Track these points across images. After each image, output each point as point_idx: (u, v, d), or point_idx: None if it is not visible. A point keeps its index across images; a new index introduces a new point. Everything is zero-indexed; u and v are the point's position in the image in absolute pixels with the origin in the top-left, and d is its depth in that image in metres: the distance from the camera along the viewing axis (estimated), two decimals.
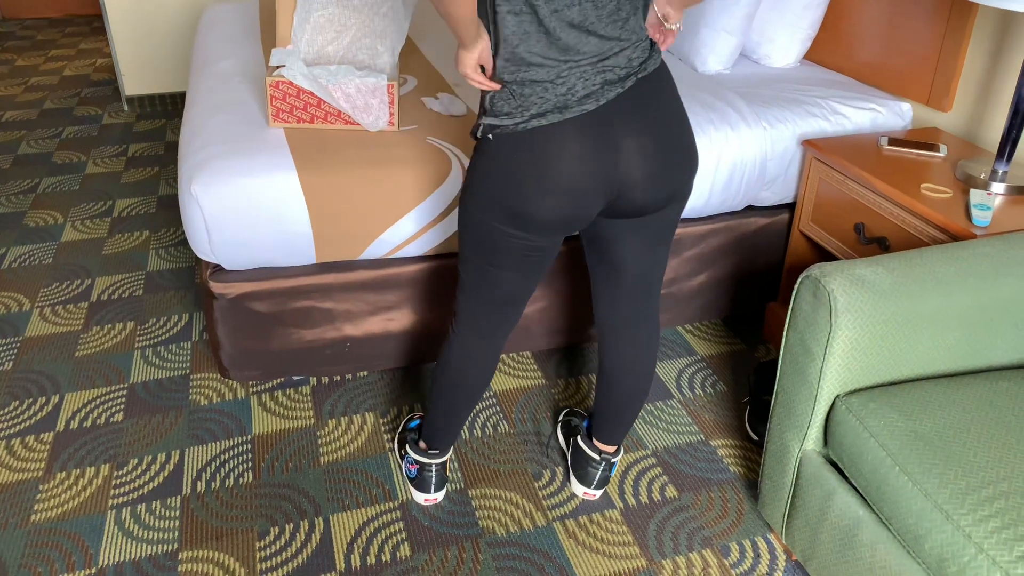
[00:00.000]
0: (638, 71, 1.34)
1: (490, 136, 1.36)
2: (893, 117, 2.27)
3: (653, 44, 1.38)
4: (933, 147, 2.02)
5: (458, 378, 1.64)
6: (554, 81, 1.30)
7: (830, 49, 2.53)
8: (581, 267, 2.15)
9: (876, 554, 1.34)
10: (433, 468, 1.77)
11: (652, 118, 1.34)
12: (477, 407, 2.10)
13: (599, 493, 1.81)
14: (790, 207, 2.31)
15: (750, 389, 2.12)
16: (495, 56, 1.33)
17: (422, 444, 1.78)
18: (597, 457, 1.78)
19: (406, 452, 1.82)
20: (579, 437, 1.84)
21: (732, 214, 2.26)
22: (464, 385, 1.65)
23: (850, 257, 2.01)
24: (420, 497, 1.79)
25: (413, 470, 1.79)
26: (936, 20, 2.12)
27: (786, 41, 2.48)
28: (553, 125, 1.31)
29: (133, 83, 4.17)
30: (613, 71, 1.32)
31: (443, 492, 1.81)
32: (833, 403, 1.44)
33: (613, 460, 1.79)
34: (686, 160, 1.41)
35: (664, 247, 1.55)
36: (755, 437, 2.00)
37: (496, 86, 1.34)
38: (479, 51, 1.33)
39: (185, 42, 4.15)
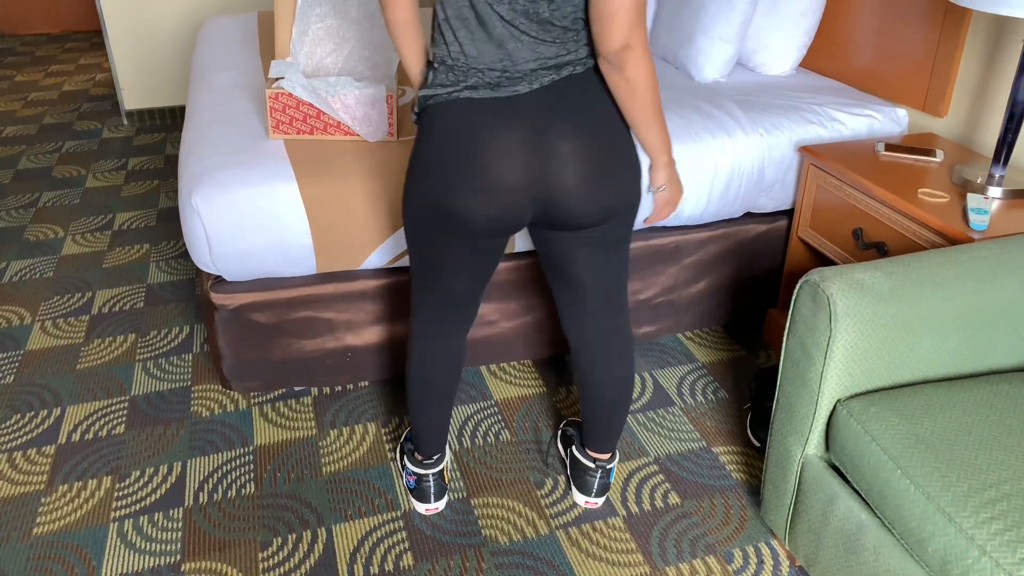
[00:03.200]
0: (573, 65, 1.35)
1: (427, 108, 1.38)
2: (889, 123, 2.28)
3: (587, 53, 1.36)
4: (929, 152, 2.03)
5: (424, 380, 1.66)
6: (491, 66, 1.33)
7: (826, 56, 2.55)
8: None
9: (880, 558, 1.34)
10: (431, 478, 1.77)
11: (588, 125, 1.35)
12: (478, 416, 2.10)
13: (600, 501, 1.81)
14: (788, 213, 2.32)
15: (751, 395, 2.13)
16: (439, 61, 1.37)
17: (417, 455, 1.78)
18: (592, 466, 1.79)
19: (405, 464, 1.82)
20: (574, 447, 1.84)
21: (730, 221, 2.27)
22: (430, 386, 1.66)
23: (849, 262, 2.02)
24: (421, 507, 1.79)
25: (412, 481, 1.79)
26: (930, 26, 2.14)
27: (782, 48, 2.50)
28: (485, 101, 1.32)
29: (132, 97, 4.19)
30: (548, 60, 1.33)
31: (444, 501, 1.81)
32: (834, 408, 1.44)
33: (609, 467, 1.79)
34: (623, 173, 1.40)
35: (619, 258, 1.54)
36: (757, 443, 2.00)
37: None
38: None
39: (184, 56, 4.17)
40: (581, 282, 1.56)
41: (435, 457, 1.78)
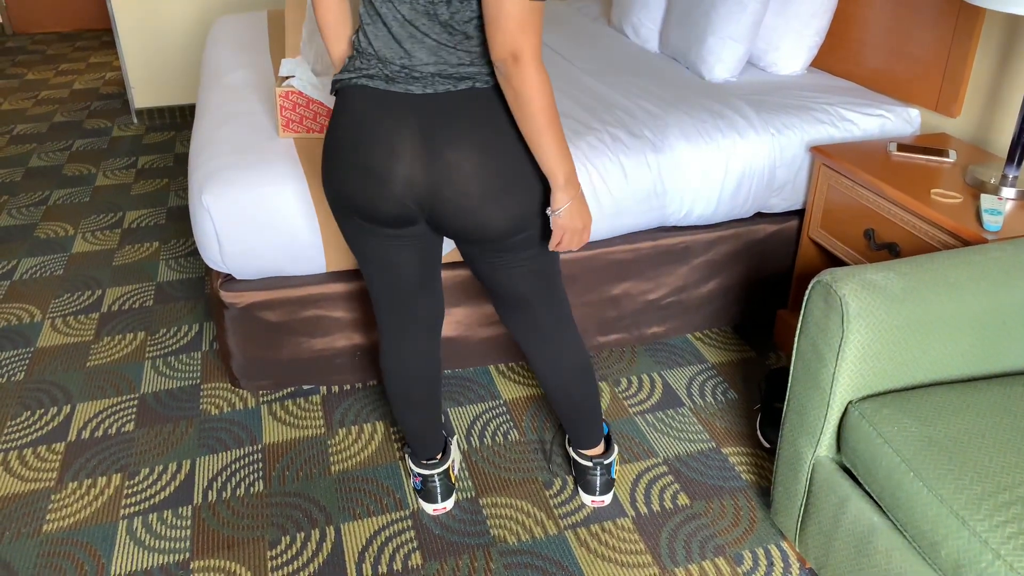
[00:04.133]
0: (474, 79, 1.32)
1: (335, 92, 1.40)
2: (901, 123, 2.26)
3: (490, 69, 1.33)
4: (942, 152, 2.01)
5: (401, 393, 1.67)
6: (392, 60, 1.32)
7: (837, 56, 2.54)
8: (587, 277, 2.15)
9: (892, 561, 1.33)
10: (436, 478, 1.77)
11: (477, 141, 1.32)
12: (487, 415, 2.09)
13: (607, 499, 1.81)
14: (799, 214, 2.30)
15: (761, 396, 2.12)
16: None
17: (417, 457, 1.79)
18: (590, 464, 1.78)
19: (410, 465, 1.82)
20: (571, 448, 1.84)
21: (741, 221, 2.26)
22: (409, 398, 1.67)
23: (860, 263, 2.00)
24: (429, 508, 1.79)
25: (418, 482, 1.79)
26: (943, 25, 2.12)
27: (793, 48, 2.49)
28: (378, 92, 1.33)
29: (142, 96, 4.20)
30: (448, 68, 1.31)
31: (451, 500, 1.81)
32: (846, 409, 1.43)
33: (606, 462, 1.79)
34: (508, 196, 1.36)
35: (528, 270, 1.50)
36: (767, 444, 1.99)
37: None
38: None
39: (194, 55, 4.18)
40: (495, 289, 1.56)
41: (437, 457, 1.78)
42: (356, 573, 1.66)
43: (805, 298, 1.46)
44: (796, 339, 1.50)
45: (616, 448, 1.87)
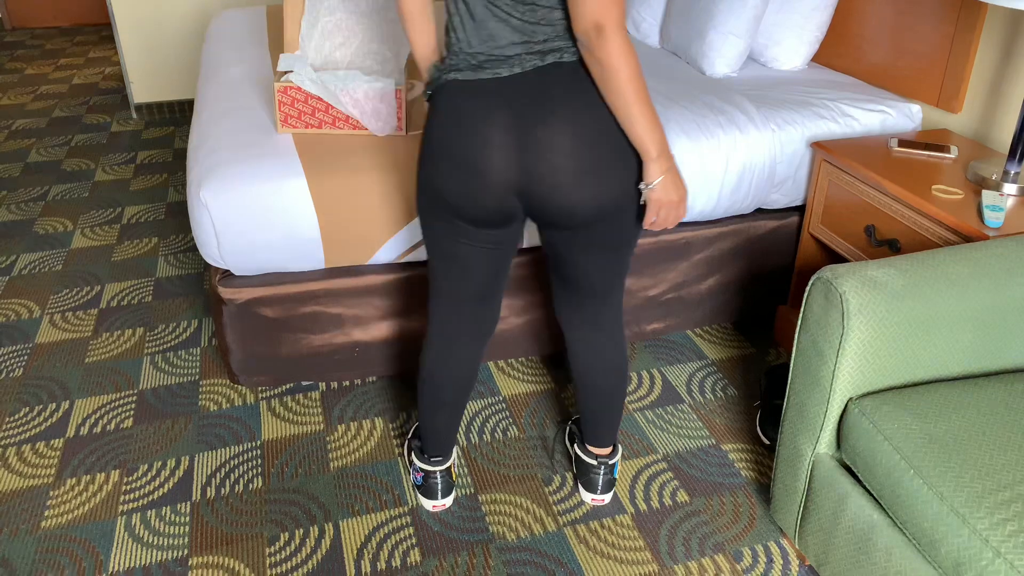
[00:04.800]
0: (561, 51, 1.30)
1: (431, 93, 1.39)
2: (902, 119, 2.25)
3: (575, 45, 1.31)
4: (943, 148, 2.00)
5: (434, 385, 1.65)
6: (479, 49, 1.32)
7: (838, 51, 2.53)
8: None
9: (891, 559, 1.32)
10: (438, 475, 1.76)
11: (570, 116, 1.29)
12: (487, 412, 2.09)
13: (607, 497, 1.80)
14: (800, 210, 2.30)
15: (761, 393, 2.11)
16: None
17: (425, 453, 1.78)
18: (595, 463, 1.78)
19: (412, 460, 1.81)
20: (576, 445, 1.84)
21: (741, 217, 2.25)
22: (440, 392, 1.66)
23: (861, 259, 1.99)
24: (428, 504, 1.79)
25: (419, 478, 1.79)
26: (945, 21, 2.11)
27: (794, 43, 2.48)
28: (468, 83, 1.32)
29: (141, 91, 4.19)
30: (533, 44, 1.30)
31: (451, 498, 1.80)
32: (846, 406, 1.42)
33: (611, 462, 1.78)
34: (607, 171, 1.33)
35: (618, 262, 1.51)
36: (767, 441, 1.99)
37: None
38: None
39: (193, 50, 4.16)
40: (575, 280, 1.55)
41: (443, 455, 1.78)
42: (355, 570, 1.66)
43: (805, 294, 1.46)
44: (796, 336, 1.50)
45: (620, 449, 1.86)
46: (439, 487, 1.77)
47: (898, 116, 2.25)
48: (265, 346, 2.03)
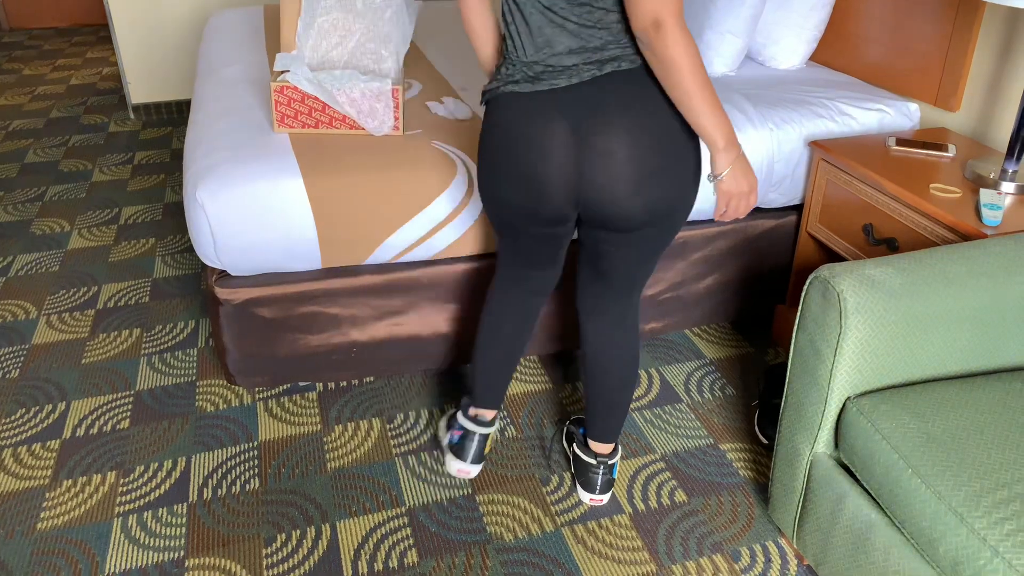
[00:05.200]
0: (619, 60, 1.31)
1: (487, 102, 1.44)
2: (900, 117, 2.25)
3: (635, 47, 1.32)
4: (941, 147, 2.00)
5: (492, 327, 1.72)
6: (535, 60, 1.35)
7: (836, 50, 2.52)
8: None
9: (890, 558, 1.32)
10: (476, 437, 1.78)
11: (628, 124, 1.31)
12: None
13: (606, 498, 1.80)
14: (797, 209, 2.29)
15: (759, 392, 2.11)
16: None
17: (472, 411, 1.81)
18: (594, 462, 1.77)
19: (454, 420, 1.84)
20: (575, 445, 1.83)
21: None
22: (496, 333, 1.72)
23: (859, 258, 1.99)
24: (455, 466, 1.79)
25: (456, 436, 1.80)
26: (943, 19, 2.11)
27: (792, 42, 2.47)
28: (526, 95, 1.35)
29: (139, 91, 4.18)
30: (591, 53, 1.31)
31: (478, 468, 1.81)
32: (844, 405, 1.42)
33: (611, 462, 1.78)
34: (665, 176, 1.35)
35: (654, 259, 1.54)
36: (765, 440, 1.99)
37: None
38: None
39: (191, 50, 4.16)
40: (607, 274, 1.57)
41: (488, 418, 1.81)
42: (352, 571, 1.65)
43: (803, 294, 1.45)
44: (794, 335, 1.49)
45: (620, 450, 1.86)
46: (472, 450, 1.78)
47: (896, 115, 2.25)
48: (262, 346, 2.03)
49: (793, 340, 1.50)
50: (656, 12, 1.20)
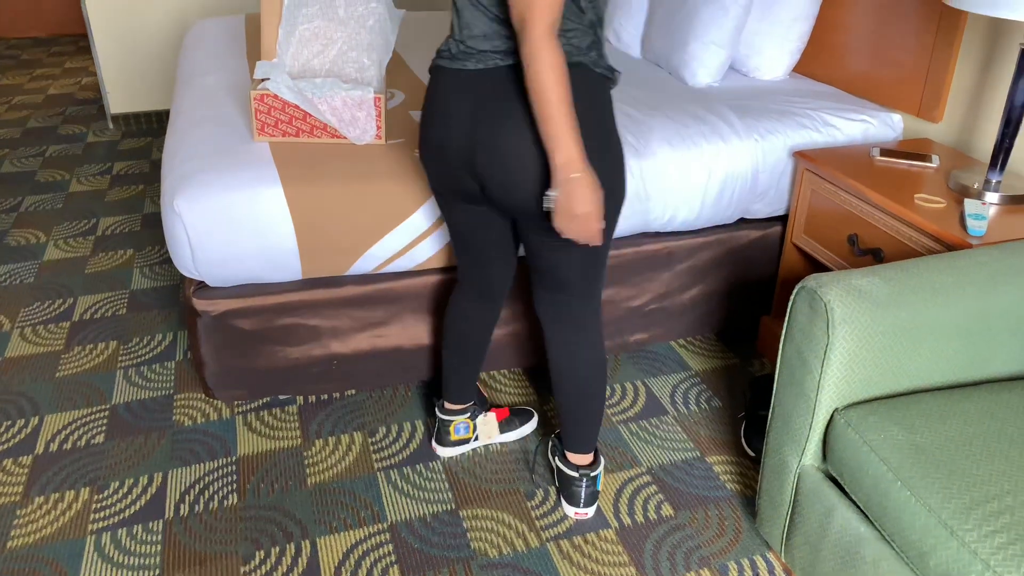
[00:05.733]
0: (511, 56, 1.37)
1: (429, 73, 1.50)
2: (884, 128, 2.25)
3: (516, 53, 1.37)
4: (925, 158, 2.00)
5: (448, 329, 1.81)
6: (460, 38, 1.41)
7: (819, 61, 2.53)
8: None
9: (879, 572, 1.30)
10: (439, 424, 1.93)
11: (516, 117, 1.35)
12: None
13: (590, 511, 1.77)
14: (782, 219, 2.29)
15: (746, 404, 2.09)
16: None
17: (442, 400, 1.92)
18: (576, 475, 1.75)
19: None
20: (557, 458, 1.81)
21: (724, 227, 2.24)
22: (449, 336, 1.80)
23: (844, 269, 1.99)
24: (434, 446, 1.97)
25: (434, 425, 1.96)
26: (925, 30, 2.12)
27: (775, 53, 2.48)
28: (444, 71, 1.43)
29: (118, 101, 4.14)
30: (500, 44, 1.37)
31: (448, 451, 1.95)
32: (831, 417, 1.41)
33: (593, 474, 1.76)
34: (524, 173, 1.38)
35: (576, 251, 1.51)
36: (751, 453, 1.97)
37: None
38: None
39: (171, 60, 4.12)
40: (542, 272, 1.59)
41: (454, 408, 1.90)
42: None
43: (790, 304, 1.44)
44: (781, 346, 1.48)
45: (603, 460, 1.83)
46: (439, 433, 1.93)
47: (879, 125, 2.25)
48: (241, 359, 1.99)
49: (780, 351, 1.48)
50: (522, 12, 1.24)
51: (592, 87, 1.38)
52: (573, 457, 1.77)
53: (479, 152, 1.39)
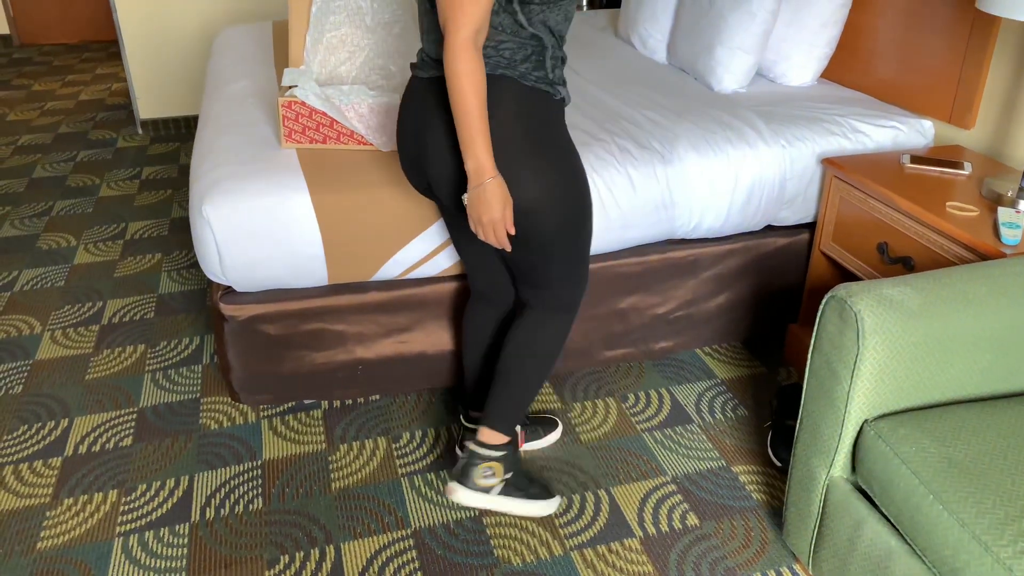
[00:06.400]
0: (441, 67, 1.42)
1: None
2: (914, 135, 2.22)
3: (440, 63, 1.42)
4: (957, 165, 1.97)
5: (464, 330, 1.85)
6: (422, 46, 1.49)
7: (848, 67, 2.50)
8: (594, 290, 2.11)
9: None
10: (463, 431, 1.93)
11: (437, 126, 1.43)
12: None
13: (456, 488, 1.65)
14: (810, 227, 2.26)
15: (772, 413, 2.07)
16: None
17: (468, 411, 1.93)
18: (470, 446, 1.67)
19: None
20: (471, 433, 1.89)
21: (751, 234, 2.22)
22: (466, 338, 1.84)
23: (873, 277, 1.96)
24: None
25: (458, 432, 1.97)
26: (957, 35, 2.09)
27: (803, 59, 2.45)
28: (412, 77, 1.51)
29: (148, 107, 4.19)
30: (442, 52, 1.40)
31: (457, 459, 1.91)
32: (861, 428, 1.38)
33: (480, 451, 1.66)
34: (444, 180, 1.46)
35: (529, 250, 1.52)
36: (778, 463, 1.95)
37: None
38: None
39: (199, 66, 4.17)
40: (506, 261, 1.64)
41: (478, 416, 1.89)
42: None
43: (819, 313, 1.42)
44: (809, 356, 1.46)
45: (505, 466, 1.69)
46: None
47: (909, 132, 2.22)
48: (267, 364, 2.00)
49: (809, 361, 1.46)
50: (444, 19, 1.28)
51: (523, 99, 1.40)
52: (484, 434, 1.68)
53: (423, 159, 1.48)
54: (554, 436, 2.01)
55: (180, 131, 4.26)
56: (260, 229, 1.80)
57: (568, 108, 2.31)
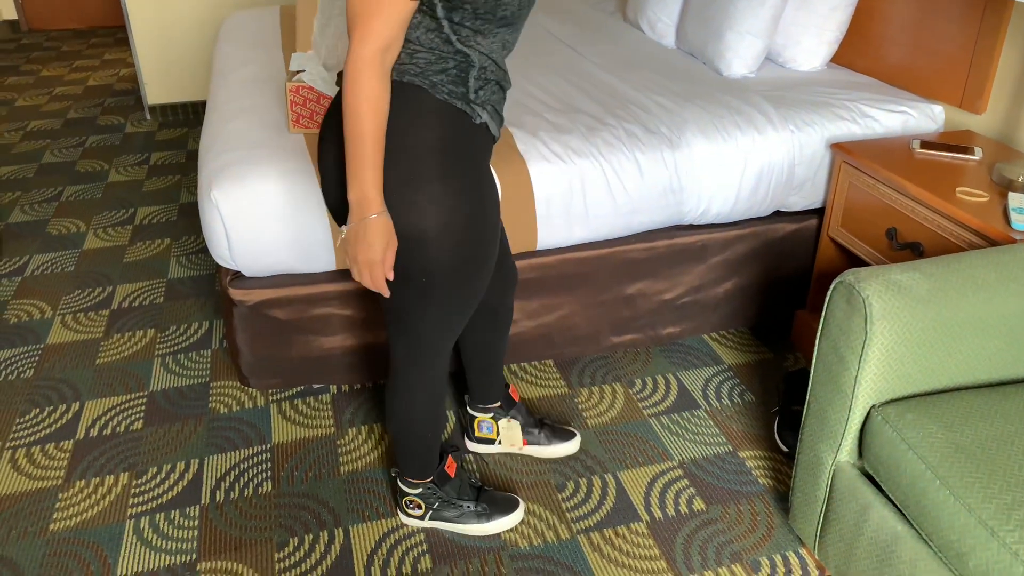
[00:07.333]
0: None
1: None
2: (924, 120, 2.21)
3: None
4: (967, 150, 1.96)
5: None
6: None
7: (858, 51, 2.48)
8: (601, 275, 2.11)
9: (916, 572, 1.28)
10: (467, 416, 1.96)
11: (329, 145, 1.32)
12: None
13: (402, 516, 1.74)
14: (819, 212, 2.26)
15: (779, 399, 2.07)
16: None
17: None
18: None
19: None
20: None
21: (759, 219, 2.21)
22: (461, 339, 1.81)
23: (882, 263, 1.96)
24: (467, 443, 1.97)
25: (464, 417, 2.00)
26: (969, 19, 2.07)
27: (812, 44, 2.44)
28: None
29: (155, 92, 4.19)
30: None
31: (479, 447, 1.95)
32: (868, 413, 1.39)
33: (399, 483, 1.70)
34: (329, 201, 1.36)
35: (398, 285, 1.38)
36: (785, 448, 1.95)
37: None
38: None
39: (207, 51, 4.16)
40: None
41: (479, 406, 1.90)
42: None
43: (827, 299, 1.42)
44: (817, 341, 1.46)
45: (426, 502, 1.69)
46: (467, 427, 1.92)
47: (920, 117, 2.21)
48: (275, 348, 2.01)
49: (816, 346, 1.46)
50: (350, 27, 1.13)
51: (429, 112, 1.22)
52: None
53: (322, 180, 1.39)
54: (571, 447, 1.93)
55: (188, 116, 4.26)
56: (268, 214, 1.81)
57: (576, 92, 2.30)
